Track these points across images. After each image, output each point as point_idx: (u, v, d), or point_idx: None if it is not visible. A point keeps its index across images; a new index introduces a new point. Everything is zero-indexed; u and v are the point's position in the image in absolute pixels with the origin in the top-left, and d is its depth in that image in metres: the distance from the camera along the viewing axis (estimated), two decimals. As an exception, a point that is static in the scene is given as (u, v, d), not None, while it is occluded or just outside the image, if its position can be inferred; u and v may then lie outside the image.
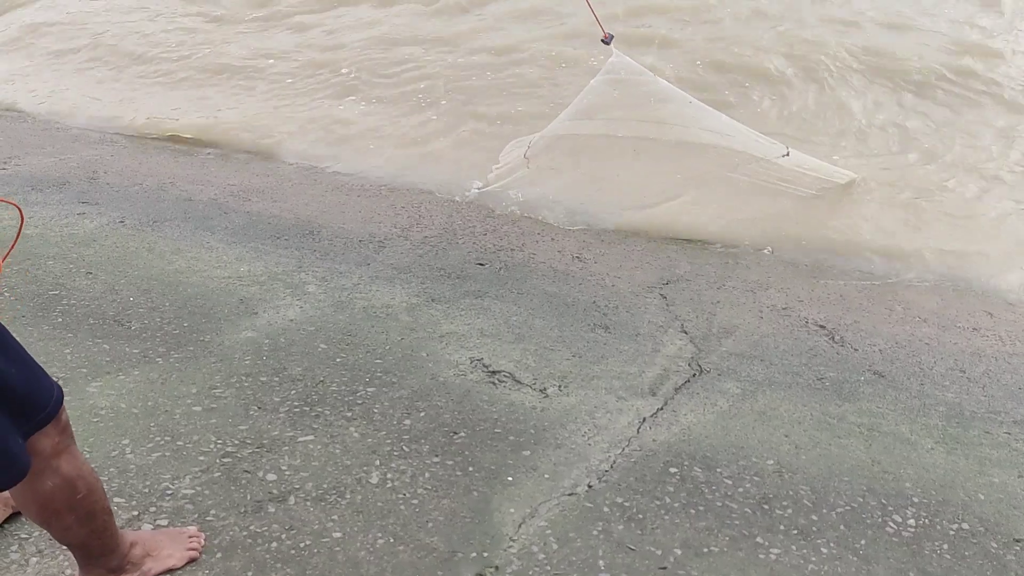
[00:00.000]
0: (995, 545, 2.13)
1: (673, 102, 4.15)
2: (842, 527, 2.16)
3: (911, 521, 2.19)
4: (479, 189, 4.51)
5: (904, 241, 4.07)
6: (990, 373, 2.96)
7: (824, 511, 2.22)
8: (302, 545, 2.01)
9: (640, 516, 2.16)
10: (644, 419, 2.58)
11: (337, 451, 2.36)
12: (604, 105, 4.18)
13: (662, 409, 2.64)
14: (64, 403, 1.62)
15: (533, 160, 4.44)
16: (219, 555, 1.96)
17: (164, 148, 5.36)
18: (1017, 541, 2.14)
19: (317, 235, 3.93)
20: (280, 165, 5.04)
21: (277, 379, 2.71)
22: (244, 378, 2.70)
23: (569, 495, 2.23)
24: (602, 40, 3.98)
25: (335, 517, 2.10)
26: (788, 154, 4.14)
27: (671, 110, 4.15)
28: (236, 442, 2.37)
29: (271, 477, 2.24)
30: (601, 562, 2.01)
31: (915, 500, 2.27)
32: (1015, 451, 2.52)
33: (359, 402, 2.60)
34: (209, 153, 5.27)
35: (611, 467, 2.35)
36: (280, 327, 3.04)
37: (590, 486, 2.27)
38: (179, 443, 2.35)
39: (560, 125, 4.34)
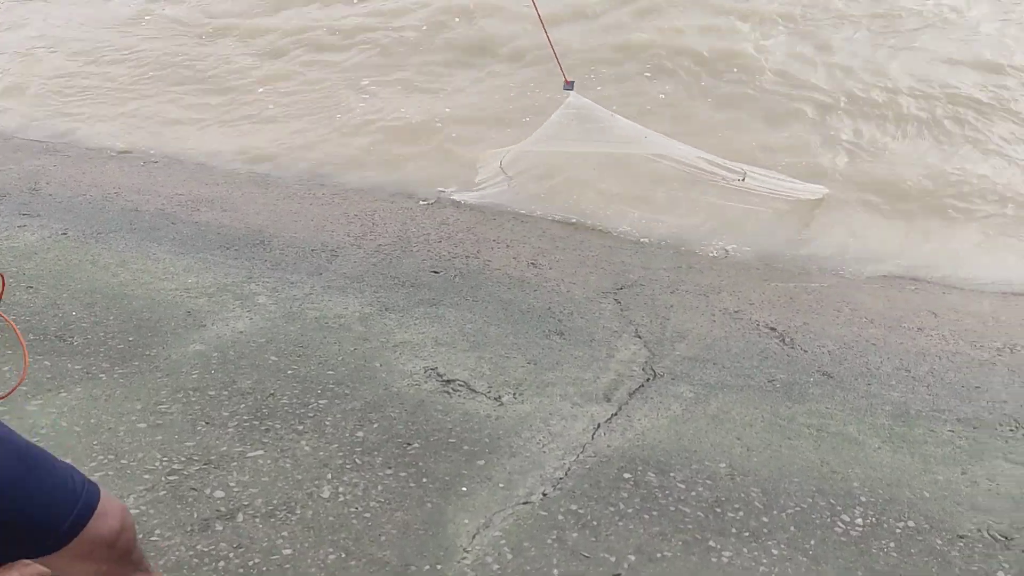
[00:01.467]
0: (940, 542, 2.17)
1: (631, 132, 4.27)
2: (792, 528, 2.19)
3: (859, 520, 2.23)
4: (444, 196, 4.57)
5: (852, 243, 4.16)
6: (934, 372, 3.03)
7: (775, 513, 2.24)
8: (251, 563, 1.97)
9: (594, 523, 2.16)
10: (599, 425, 2.59)
11: (287, 465, 2.32)
12: (567, 132, 4.30)
13: (616, 415, 2.65)
14: (134, 524, 1.39)
15: (509, 170, 4.56)
16: (164, 576, 1.91)
17: (110, 158, 5.24)
18: (961, 537, 2.19)
19: (268, 245, 3.87)
20: (230, 174, 4.96)
21: (226, 393, 2.65)
22: (191, 392, 2.64)
23: (524, 504, 2.22)
24: (564, 87, 4.19)
25: (285, 533, 2.06)
26: (744, 179, 4.21)
27: (630, 136, 4.26)
28: (183, 459, 2.32)
29: (219, 494, 2.19)
30: (555, 571, 2.00)
31: (863, 499, 2.31)
32: (959, 448, 2.58)
33: (310, 415, 2.56)
34: (156, 162, 5.16)
35: (566, 474, 2.35)
36: (229, 339, 2.98)
37: (544, 494, 2.26)
38: (123, 461, 2.29)
39: (529, 144, 4.45)
